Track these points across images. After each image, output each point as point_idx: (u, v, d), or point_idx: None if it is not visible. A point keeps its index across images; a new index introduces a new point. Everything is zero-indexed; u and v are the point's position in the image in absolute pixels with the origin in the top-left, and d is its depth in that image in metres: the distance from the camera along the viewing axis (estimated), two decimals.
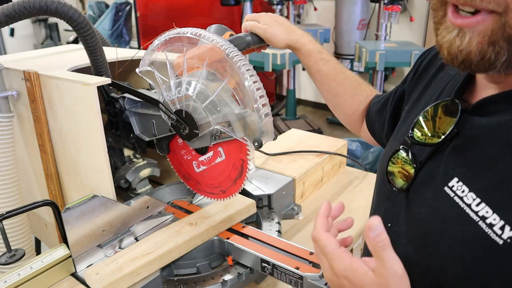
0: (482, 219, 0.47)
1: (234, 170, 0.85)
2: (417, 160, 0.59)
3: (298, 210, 1.19)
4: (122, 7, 4.80)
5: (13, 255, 0.81)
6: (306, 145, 1.42)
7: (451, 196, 0.52)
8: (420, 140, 0.59)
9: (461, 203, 0.50)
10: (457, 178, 0.52)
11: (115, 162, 1.19)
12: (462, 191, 0.51)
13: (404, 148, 0.62)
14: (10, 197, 1.10)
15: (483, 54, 0.46)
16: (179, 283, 0.85)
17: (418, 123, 0.60)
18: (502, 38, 0.45)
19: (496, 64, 0.47)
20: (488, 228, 0.46)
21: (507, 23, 0.44)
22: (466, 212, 0.49)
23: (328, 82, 0.93)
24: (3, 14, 0.91)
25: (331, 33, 4.34)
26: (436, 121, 0.58)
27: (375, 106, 0.90)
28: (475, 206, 0.49)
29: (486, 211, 0.47)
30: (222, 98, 0.77)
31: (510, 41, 0.45)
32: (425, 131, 0.59)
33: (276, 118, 4.46)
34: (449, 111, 0.56)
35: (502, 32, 0.44)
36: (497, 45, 0.45)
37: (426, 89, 0.70)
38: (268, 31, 0.89)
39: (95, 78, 0.89)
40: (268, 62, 3.64)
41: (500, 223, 0.46)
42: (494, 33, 0.45)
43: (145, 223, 0.93)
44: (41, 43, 6.25)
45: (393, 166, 0.64)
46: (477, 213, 0.48)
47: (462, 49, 0.48)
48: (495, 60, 0.46)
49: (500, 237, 0.45)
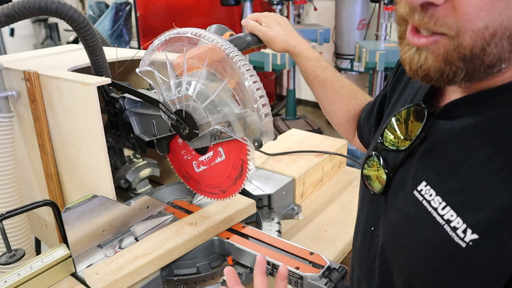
0: (447, 222, 0.48)
1: (234, 170, 0.85)
2: (389, 165, 0.60)
3: (298, 210, 1.19)
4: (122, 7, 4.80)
5: (13, 255, 0.81)
6: (306, 145, 1.42)
7: (419, 200, 0.53)
8: (393, 143, 0.60)
9: (429, 207, 0.51)
10: (425, 182, 0.53)
11: (115, 162, 1.19)
12: (430, 194, 0.51)
13: (376, 154, 0.63)
14: (10, 197, 1.10)
15: (441, 72, 0.48)
16: (179, 283, 0.85)
17: (391, 126, 0.61)
18: (458, 59, 0.46)
19: (455, 80, 0.48)
20: (452, 232, 0.47)
21: (460, 45, 0.45)
22: (433, 216, 0.50)
23: (325, 89, 0.93)
24: (3, 14, 0.91)
25: (331, 33, 4.34)
26: (408, 124, 0.59)
27: (364, 113, 0.91)
28: (441, 209, 0.49)
29: (451, 214, 0.48)
30: (222, 98, 0.77)
31: (466, 60, 0.46)
32: (398, 134, 0.60)
33: (276, 118, 4.46)
34: (418, 116, 0.57)
35: (457, 53, 0.45)
36: (454, 65, 0.46)
37: (404, 91, 0.71)
38: (268, 34, 0.89)
39: (95, 78, 0.89)
40: (268, 62, 3.63)
41: (463, 227, 0.46)
42: (449, 54, 0.46)
43: (145, 223, 0.93)
44: (41, 43, 6.24)
45: (369, 170, 0.65)
46: (443, 216, 0.49)
47: (421, 66, 0.49)
48: (454, 77, 0.47)
49: (463, 240, 0.46)
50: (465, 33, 0.44)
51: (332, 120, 1.00)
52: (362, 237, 0.67)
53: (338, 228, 1.14)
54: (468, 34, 0.44)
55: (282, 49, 0.91)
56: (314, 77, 0.93)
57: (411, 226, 0.53)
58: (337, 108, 0.96)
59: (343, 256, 1.10)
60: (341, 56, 4.42)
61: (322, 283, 0.75)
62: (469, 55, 0.45)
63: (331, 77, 0.92)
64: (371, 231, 0.64)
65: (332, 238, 1.10)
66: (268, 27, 0.90)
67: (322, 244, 1.08)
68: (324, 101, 0.96)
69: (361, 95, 0.96)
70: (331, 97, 0.94)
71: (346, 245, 1.09)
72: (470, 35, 0.44)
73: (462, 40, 0.44)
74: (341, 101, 0.94)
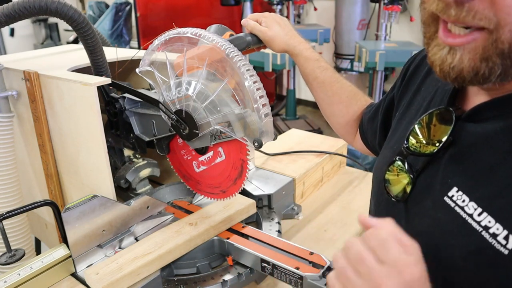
0: (485, 229, 0.46)
1: (234, 170, 0.85)
2: (413, 170, 0.59)
3: (298, 210, 1.19)
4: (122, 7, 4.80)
5: (13, 255, 0.81)
6: (306, 145, 1.42)
7: (451, 206, 0.51)
8: (415, 148, 0.58)
9: (463, 213, 0.49)
10: (457, 187, 0.51)
11: (115, 162, 1.19)
12: (462, 200, 0.50)
13: (400, 158, 0.61)
14: (10, 197, 1.10)
15: (476, 70, 0.46)
16: (179, 283, 0.85)
17: (414, 131, 0.60)
18: (495, 54, 0.44)
19: (490, 78, 0.46)
20: (492, 238, 0.45)
21: (498, 39, 0.43)
22: (468, 222, 0.48)
23: (324, 90, 0.93)
24: (3, 14, 0.91)
25: (331, 33, 4.34)
26: (431, 128, 0.57)
27: (366, 115, 0.91)
28: (477, 216, 0.48)
29: (489, 220, 0.46)
30: (222, 98, 0.77)
31: (504, 55, 0.44)
32: (420, 138, 0.59)
33: (276, 118, 4.46)
34: (443, 119, 0.56)
35: (494, 48, 0.44)
36: (490, 61, 0.45)
37: (416, 95, 0.70)
38: (267, 34, 0.89)
39: (95, 78, 0.89)
40: (268, 62, 3.63)
41: (504, 233, 0.45)
42: (486, 50, 0.45)
43: (145, 223, 0.93)
44: (41, 43, 6.24)
45: (389, 174, 0.64)
46: (480, 223, 0.47)
47: (454, 66, 0.47)
48: (489, 74, 0.46)
49: (505, 247, 0.44)
50: (505, 27, 0.42)
51: (331, 121, 0.99)
52: None
53: (338, 228, 1.14)
54: (508, 28, 0.42)
55: (281, 49, 0.91)
56: (314, 77, 0.92)
57: (443, 234, 0.51)
58: (336, 109, 0.95)
59: None
60: (341, 56, 4.42)
61: (322, 283, 0.75)
62: (507, 50, 0.43)
63: (330, 78, 0.92)
64: None
65: (332, 238, 1.10)
66: (268, 27, 0.90)
67: (322, 244, 1.08)
68: (323, 102, 0.95)
69: (360, 96, 0.96)
70: (330, 98, 0.94)
71: None
72: (510, 28, 0.42)
73: (501, 34, 0.43)
74: (340, 102, 0.94)
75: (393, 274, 0.42)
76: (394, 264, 0.43)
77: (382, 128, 0.83)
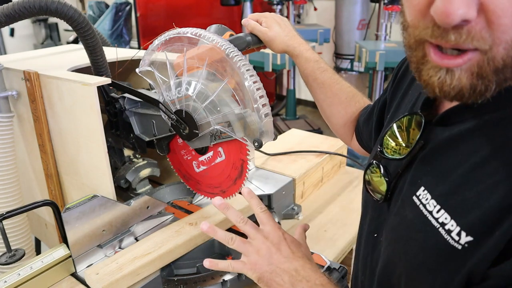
0: (441, 225, 0.48)
1: (234, 170, 0.85)
2: (389, 173, 0.61)
3: (298, 210, 1.19)
4: (122, 7, 4.80)
5: (13, 255, 0.81)
6: (306, 145, 1.42)
7: (417, 205, 0.53)
8: (395, 150, 0.60)
9: (424, 211, 0.51)
10: (423, 187, 0.53)
11: (115, 162, 1.19)
12: (426, 199, 0.52)
13: (376, 162, 0.63)
14: (10, 197, 1.10)
15: (474, 88, 0.46)
16: (179, 283, 0.85)
17: (393, 133, 0.61)
18: (491, 72, 0.45)
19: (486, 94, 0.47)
20: (447, 234, 0.47)
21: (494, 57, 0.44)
22: (428, 219, 0.50)
23: (324, 91, 0.93)
24: (3, 14, 0.91)
25: (331, 33, 4.34)
26: (410, 132, 0.59)
27: (362, 117, 0.91)
28: (436, 212, 0.49)
29: (445, 217, 0.48)
30: (222, 98, 0.77)
31: (498, 72, 0.45)
32: (400, 141, 0.60)
33: (276, 118, 4.46)
34: (418, 123, 0.57)
35: (490, 66, 0.44)
36: (486, 79, 0.45)
37: (404, 97, 0.71)
38: (267, 34, 0.89)
39: (95, 78, 0.89)
40: (268, 62, 3.63)
41: (457, 229, 0.46)
42: (483, 69, 0.45)
43: (145, 223, 0.93)
44: (41, 43, 6.25)
45: (372, 175, 0.65)
46: (438, 219, 0.49)
47: (454, 86, 0.47)
48: (485, 91, 0.46)
49: (458, 243, 0.46)
50: (499, 45, 0.43)
51: (330, 122, 0.99)
52: (365, 244, 0.67)
53: (338, 228, 1.14)
54: (502, 46, 0.43)
55: (281, 49, 0.91)
56: (313, 78, 0.92)
57: (408, 230, 0.54)
58: (335, 111, 0.96)
59: (343, 256, 1.10)
60: (341, 56, 4.42)
61: None
62: (501, 66, 0.44)
63: (330, 79, 0.92)
64: (374, 237, 0.64)
65: (332, 238, 1.10)
66: (268, 27, 0.90)
67: (322, 244, 1.08)
68: (323, 103, 0.95)
69: (359, 98, 0.96)
70: (329, 99, 0.94)
71: (346, 245, 1.09)
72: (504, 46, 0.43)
73: (495, 52, 0.43)
74: (339, 103, 0.94)
75: None
76: None
77: (376, 130, 0.83)
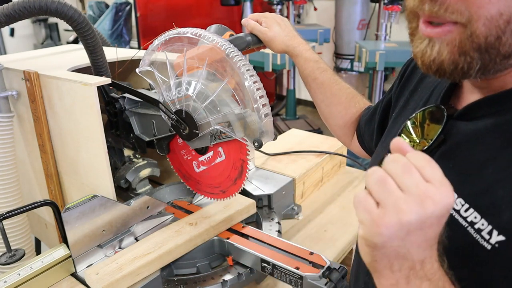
0: (470, 224, 0.47)
1: (234, 170, 0.85)
2: None
3: (298, 210, 1.19)
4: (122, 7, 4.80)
5: (13, 255, 0.81)
6: (306, 145, 1.42)
7: None
8: None
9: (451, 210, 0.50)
10: None
11: (115, 162, 1.19)
12: None
13: None
14: (10, 197, 1.10)
15: (455, 64, 0.47)
16: (179, 283, 0.85)
17: (406, 129, 0.60)
18: (472, 49, 0.45)
19: (470, 73, 0.47)
20: (477, 234, 0.46)
21: (473, 33, 0.44)
22: (455, 218, 0.49)
23: (323, 91, 0.93)
24: (3, 14, 0.91)
25: (331, 33, 4.34)
26: (424, 127, 0.58)
27: (364, 117, 0.91)
28: (464, 211, 0.48)
29: (475, 216, 0.47)
30: (222, 98, 0.77)
31: (481, 50, 0.45)
32: (413, 137, 0.59)
33: (276, 118, 4.46)
34: (435, 118, 0.56)
35: (470, 42, 0.45)
36: (468, 56, 0.45)
37: (413, 95, 0.71)
38: (267, 34, 0.89)
39: (95, 78, 0.89)
40: (268, 62, 3.63)
41: (488, 228, 0.45)
42: (463, 44, 0.45)
43: (145, 223, 0.93)
44: (41, 43, 6.24)
45: None
46: (466, 218, 0.48)
47: (434, 58, 0.48)
48: (469, 69, 0.46)
49: (488, 242, 0.45)
50: (478, 21, 0.43)
51: (329, 123, 0.99)
52: None
53: (338, 228, 1.14)
54: (481, 22, 0.43)
55: (281, 50, 0.91)
56: (313, 78, 0.92)
57: None
58: (335, 111, 0.95)
59: (343, 256, 1.10)
60: (341, 56, 4.42)
61: (322, 283, 0.75)
62: (484, 44, 0.44)
63: (329, 79, 0.92)
64: None
65: (332, 238, 1.10)
66: (268, 27, 0.90)
67: (322, 244, 1.08)
68: (322, 103, 0.95)
69: (359, 99, 0.96)
70: (329, 100, 0.94)
71: (346, 245, 1.09)
72: (483, 22, 0.42)
73: (475, 28, 0.43)
74: (339, 103, 0.94)
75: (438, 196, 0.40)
76: (440, 185, 0.41)
77: (379, 130, 0.83)
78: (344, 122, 0.96)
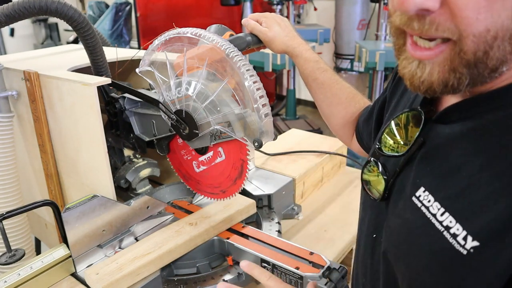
0: (446, 229, 0.47)
1: (234, 170, 0.85)
2: (388, 171, 0.60)
3: (298, 210, 1.19)
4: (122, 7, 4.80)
5: (13, 255, 0.81)
6: (306, 145, 1.42)
7: (418, 206, 0.51)
8: (393, 148, 0.59)
9: (427, 213, 0.50)
10: (424, 187, 0.52)
11: (115, 162, 1.19)
12: (428, 200, 0.50)
13: (374, 160, 0.62)
14: (10, 197, 1.10)
15: (445, 82, 0.46)
16: (179, 283, 0.85)
17: (391, 131, 0.60)
18: (461, 65, 0.45)
19: (459, 88, 0.46)
20: (452, 239, 0.46)
21: (462, 50, 0.44)
22: (432, 222, 0.49)
23: (323, 91, 0.93)
24: (3, 14, 0.91)
25: (331, 33, 4.34)
26: (408, 129, 0.58)
27: (362, 117, 0.91)
28: (440, 216, 0.48)
29: (450, 220, 0.47)
30: (222, 98, 0.77)
31: (470, 66, 0.44)
32: (398, 139, 0.59)
33: (276, 118, 4.46)
34: (417, 120, 0.56)
35: (460, 59, 0.44)
36: (457, 72, 0.45)
37: (403, 95, 0.70)
38: (267, 34, 0.89)
39: (95, 78, 0.89)
40: (268, 62, 3.63)
41: (463, 233, 0.45)
42: (453, 61, 0.45)
43: (145, 223, 0.93)
44: (41, 43, 6.25)
45: (369, 175, 0.64)
46: (442, 223, 0.48)
47: (424, 80, 0.47)
48: (458, 85, 0.46)
49: (464, 247, 0.45)
50: (467, 38, 0.43)
51: (329, 122, 0.99)
52: (364, 245, 0.67)
53: (338, 228, 1.14)
54: (470, 39, 0.43)
55: (281, 50, 0.91)
56: (313, 79, 0.92)
57: (410, 233, 0.52)
58: (335, 111, 0.96)
59: (343, 256, 1.10)
60: (341, 56, 4.42)
61: (322, 283, 0.75)
62: (473, 60, 0.44)
63: (329, 79, 0.92)
64: (373, 238, 0.63)
65: (332, 238, 1.10)
66: (268, 27, 0.90)
67: (322, 244, 1.08)
68: (322, 103, 0.95)
69: (359, 98, 0.96)
70: (329, 100, 0.94)
71: (346, 245, 1.09)
72: (471, 39, 0.43)
73: (464, 45, 0.43)
74: (339, 103, 0.94)
75: None
76: None
77: (376, 129, 0.83)
78: (344, 122, 0.96)
